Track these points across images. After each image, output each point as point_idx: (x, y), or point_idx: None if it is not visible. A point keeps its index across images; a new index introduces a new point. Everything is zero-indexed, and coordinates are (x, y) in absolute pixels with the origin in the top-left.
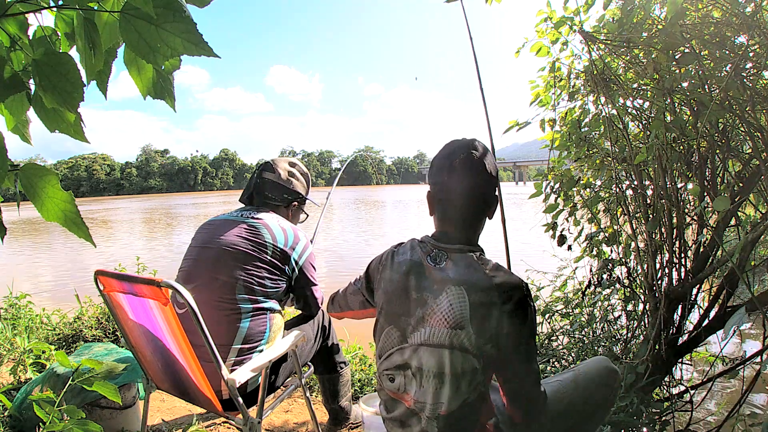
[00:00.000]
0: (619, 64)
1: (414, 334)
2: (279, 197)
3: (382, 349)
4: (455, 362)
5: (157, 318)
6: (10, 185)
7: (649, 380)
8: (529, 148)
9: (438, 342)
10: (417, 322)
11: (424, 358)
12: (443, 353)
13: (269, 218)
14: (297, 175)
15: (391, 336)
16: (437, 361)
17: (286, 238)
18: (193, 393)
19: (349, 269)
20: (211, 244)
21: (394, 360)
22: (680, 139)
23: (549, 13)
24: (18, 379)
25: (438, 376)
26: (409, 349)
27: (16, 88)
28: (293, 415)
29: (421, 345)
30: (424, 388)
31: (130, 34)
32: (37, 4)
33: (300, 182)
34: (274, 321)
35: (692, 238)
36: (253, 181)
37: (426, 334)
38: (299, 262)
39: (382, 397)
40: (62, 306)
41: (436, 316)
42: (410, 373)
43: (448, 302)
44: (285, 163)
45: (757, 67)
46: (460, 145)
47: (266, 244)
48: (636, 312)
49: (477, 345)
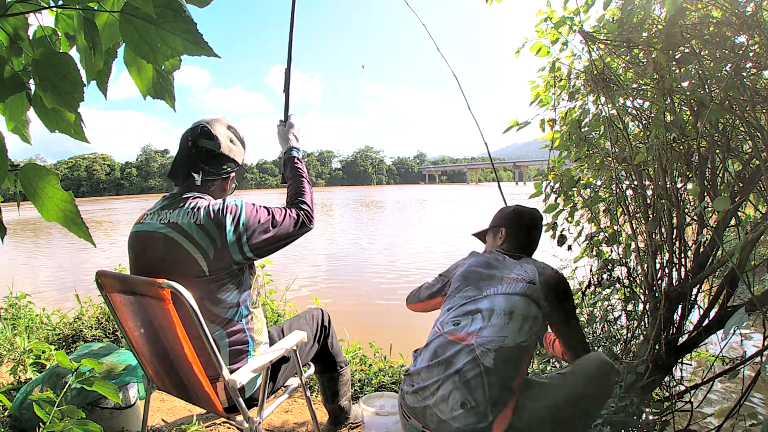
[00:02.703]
0: (619, 64)
1: (490, 288)
2: (218, 170)
3: (454, 304)
4: (524, 306)
5: (157, 318)
6: (10, 185)
7: (649, 380)
8: (529, 148)
9: (513, 291)
10: (496, 281)
11: (497, 302)
12: (515, 298)
13: (190, 215)
14: (236, 141)
15: (467, 294)
16: (510, 303)
17: (217, 232)
18: (194, 393)
19: (349, 270)
20: (145, 274)
21: (466, 308)
22: (680, 139)
23: (549, 13)
24: (18, 379)
25: (508, 314)
26: (484, 299)
27: (16, 88)
28: (293, 415)
29: (497, 294)
30: (492, 322)
31: (130, 34)
32: (37, 4)
33: (239, 148)
34: (253, 325)
35: (692, 238)
36: (185, 152)
37: (503, 288)
38: (248, 241)
39: (433, 345)
40: (62, 306)
41: (514, 276)
42: (479, 315)
43: (524, 269)
44: (223, 126)
45: (757, 67)
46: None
47: (196, 259)
48: (636, 312)
49: (541, 299)
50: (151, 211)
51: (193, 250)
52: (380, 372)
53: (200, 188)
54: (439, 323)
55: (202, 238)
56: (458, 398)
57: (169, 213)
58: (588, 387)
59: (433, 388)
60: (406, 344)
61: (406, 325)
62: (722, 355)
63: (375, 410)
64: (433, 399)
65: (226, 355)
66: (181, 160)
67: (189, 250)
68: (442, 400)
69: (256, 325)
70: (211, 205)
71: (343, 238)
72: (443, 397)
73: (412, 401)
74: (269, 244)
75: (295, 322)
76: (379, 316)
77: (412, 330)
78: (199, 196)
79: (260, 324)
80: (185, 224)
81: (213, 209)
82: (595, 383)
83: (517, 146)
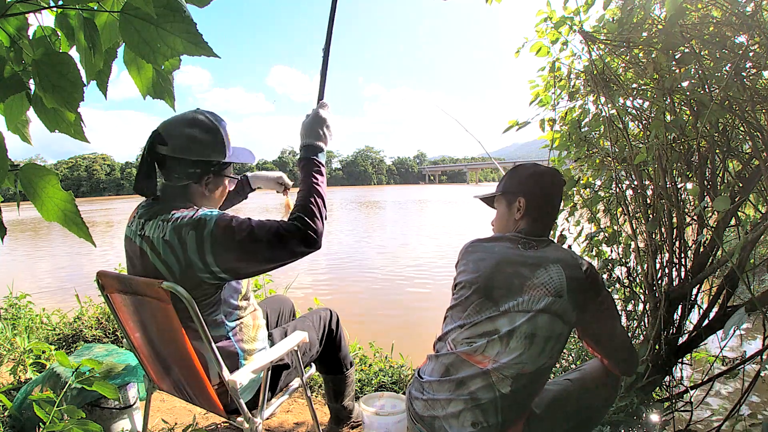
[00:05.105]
0: (619, 64)
1: (510, 302)
2: (183, 174)
3: (468, 321)
4: (548, 325)
5: (157, 318)
6: (10, 185)
7: (649, 380)
8: (529, 148)
9: (536, 308)
10: (514, 292)
11: (517, 322)
12: (539, 317)
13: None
14: (200, 137)
15: (480, 308)
16: (532, 324)
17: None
18: (195, 394)
19: (349, 270)
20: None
21: (482, 328)
22: (680, 139)
23: (549, 13)
24: (18, 379)
25: (529, 337)
26: (502, 316)
27: (16, 88)
28: (293, 415)
29: (518, 312)
30: (511, 347)
31: (130, 34)
32: (37, 4)
33: (207, 144)
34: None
35: (692, 238)
36: (144, 160)
37: (524, 302)
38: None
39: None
40: (62, 306)
41: (536, 285)
42: (497, 337)
43: (548, 275)
44: (182, 125)
45: (757, 67)
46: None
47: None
48: (636, 312)
49: (568, 311)
50: (135, 216)
51: (161, 267)
52: (380, 372)
53: (173, 195)
54: (451, 341)
55: (167, 256)
56: (469, 418)
57: (144, 223)
58: (597, 394)
59: (444, 402)
60: (407, 344)
61: (406, 325)
62: (722, 355)
63: (375, 410)
64: (444, 412)
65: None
66: (139, 169)
67: (158, 267)
68: (453, 416)
69: (246, 334)
70: (180, 218)
71: (344, 238)
72: (454, 414)
73: (420, 408)
74: (247, 265)
75: (300, 324)
76: (379, 315)
77: (412, 330)
78: (175, 205)
79: (253, 331)
80: (155, 239)
81: (178, 223)
82: (603, 389)
83: (518, 146)
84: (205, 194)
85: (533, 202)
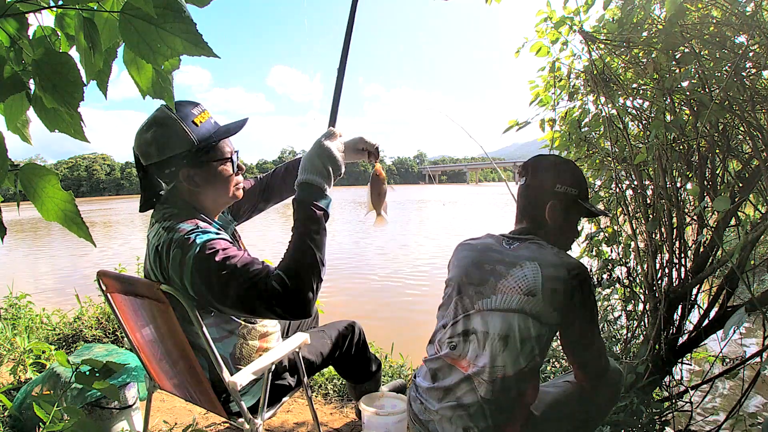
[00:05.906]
0: (619, 64)
1: (483, 301)
2: (164, 178)
3: (449, 316)
4: (522, 326)
5: (158, 319)
6: (10, 185)
7: (649, 380)
8: (529, 148)
9: (508, 307)
10: (488, 290)
11: (491, 323)
12: (512, 317)
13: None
14: (158, 135)
15: (458, 306)
16: (505, 324)
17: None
18: (195, 394)
19: (349, 270)
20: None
21: (459, 327)
22: (680, 139)
23: (549, 13)
24: (18, 379)
25: (503, 339)
26: (477, 315)
27: (16, 88)
28: (293, 415)
29: (491, 310)
30: (486, 350)
31: (130, 34)
32: (37, 4)
33: (166, 139)
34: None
35: (692, 238)
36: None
37: (497, 301)
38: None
39: (431, 366)
40: (62, 306)
41: (510, 284)
42: (474, 338)
43: (523, 273)
44: (141, 131)
45: (757, 67)
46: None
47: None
48: (636, 312)
49: (545, 312)
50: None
51: (151, 272)
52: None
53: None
54: (438, 342)
55: (155, 264)
56: (460, 425)
57: (152, 225)
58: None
59: (436, 407)
60: (407, 344)
61: (406, 325)
62: (722, 355)
63: (375, 410)
64: (437, 417)
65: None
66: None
67: (151, 270)
68: (446, 421)
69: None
70: (176, 232)
71: (343, 238)
72: (446, 418)
73: (417, 410)
74: (220, 306)
75: (314, 336)
76: (379, 315)
77: (412, 330)
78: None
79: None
80: (151, 245)
81: (171, 237)
82: (603, 392)
83: (518, 146)
84: (194, 189)
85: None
